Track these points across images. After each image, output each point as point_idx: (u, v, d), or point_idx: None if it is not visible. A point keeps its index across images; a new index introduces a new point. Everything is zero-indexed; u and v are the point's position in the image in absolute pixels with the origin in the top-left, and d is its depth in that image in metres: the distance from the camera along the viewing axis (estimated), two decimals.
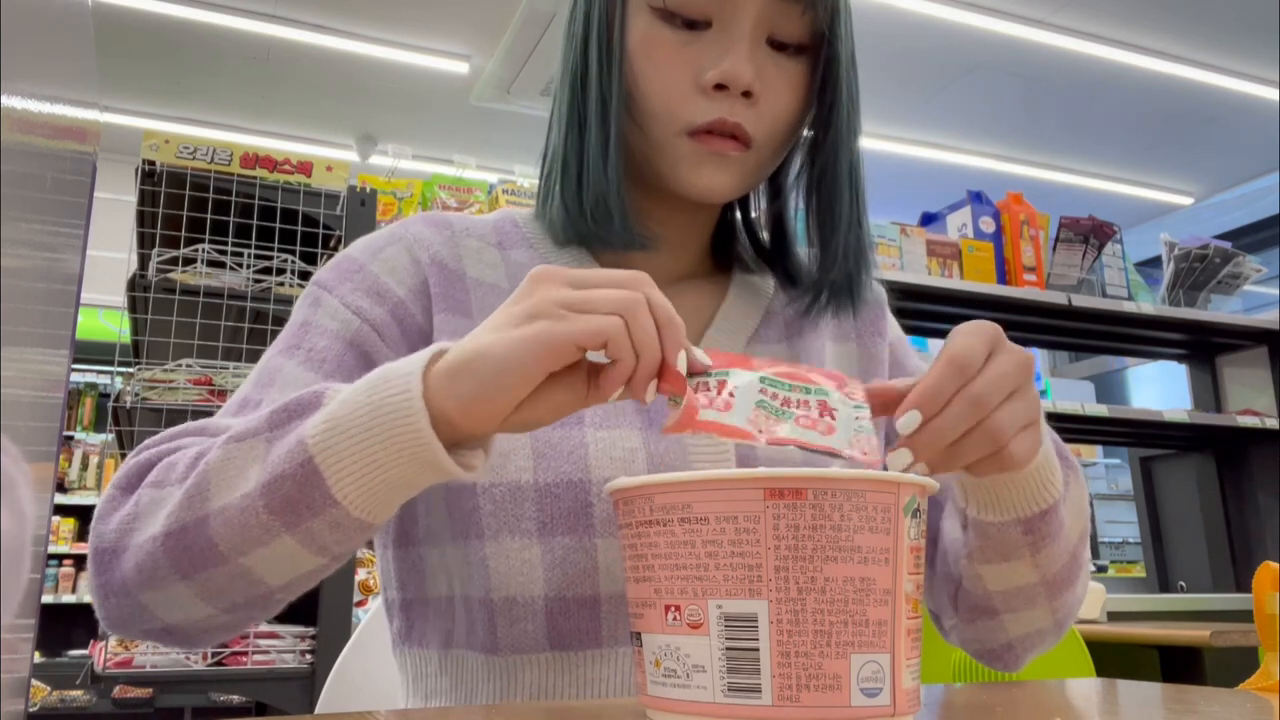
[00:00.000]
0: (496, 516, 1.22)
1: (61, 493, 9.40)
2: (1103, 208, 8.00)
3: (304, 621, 3.63)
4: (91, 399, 10.11)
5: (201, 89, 9.66)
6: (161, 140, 3.77)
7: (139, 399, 3.56)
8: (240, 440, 1.03)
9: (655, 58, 1.28)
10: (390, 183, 4.92)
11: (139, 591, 1.06)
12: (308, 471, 0.96)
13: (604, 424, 1.26)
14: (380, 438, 0.95)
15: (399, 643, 1.38)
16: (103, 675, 3.43)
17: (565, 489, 1.22)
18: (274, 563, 1.02)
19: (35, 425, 1.29)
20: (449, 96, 9.55)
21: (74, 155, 1.40)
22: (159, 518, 1.05)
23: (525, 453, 1.24)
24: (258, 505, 0.98)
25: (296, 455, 0.97)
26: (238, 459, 1.02)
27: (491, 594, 1.23)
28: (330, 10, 8.31)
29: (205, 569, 1.03)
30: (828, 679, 0.79)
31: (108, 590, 1.09)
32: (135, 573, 1.06)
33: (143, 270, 3.70)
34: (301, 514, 0.98)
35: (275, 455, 0.99)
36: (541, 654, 1.23)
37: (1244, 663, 3.29)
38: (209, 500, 1.01)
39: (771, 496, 0.79)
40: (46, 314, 1.30)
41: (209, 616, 1.09)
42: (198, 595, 1.05)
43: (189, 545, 1.02)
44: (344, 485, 0.96)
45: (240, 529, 0.99)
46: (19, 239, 1.03)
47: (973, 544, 1.20)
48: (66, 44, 1.27)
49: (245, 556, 1.01)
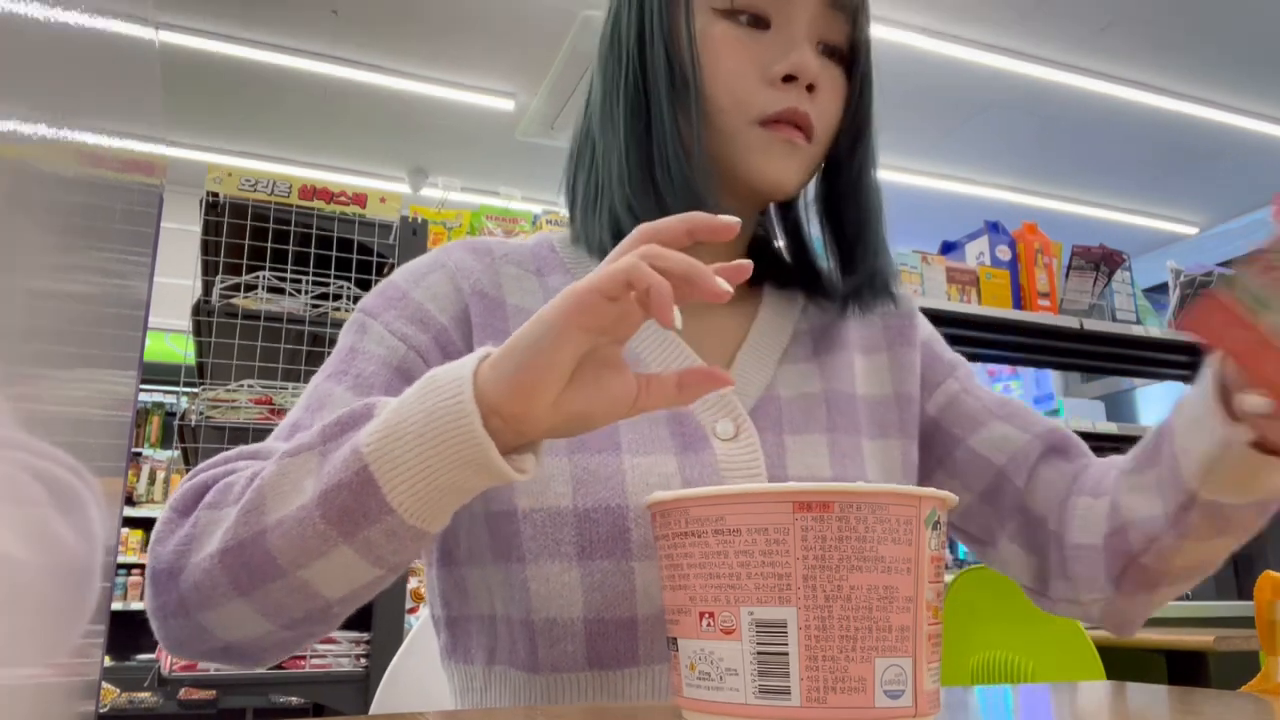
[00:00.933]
0: (537, 540, 1.20)
1: (130, 506, 9.45)
2: (1113, 237, 7.98)
3: (359, 627, 3.65)
4: (158, 417, 10.16)
5: (263, 125, 9.72)
6: (225, 173, 3.79)
7: (203, 417, 3.58)
8: (294, 455, 1.00)
9: (723, 53, 1.27)
10: (440, 213, 4.94)
11: (197, 611, 1.03)
12: (363, 480, 0.93)
13: (641, 450, 1.24)
14: (433, 442, 0.91)
15: (445, 657, 1.37)
16: (169, 678, 3.44)
17: (604, 514, 1.20)
18: (332, 575, 0.99)
19: (106, 442, 1.29)
20: (495, 132, 9.58)
21: (141, 187, 1.41)
22: (216, 536, 1.02)
23: (565, 479, 1.21)
24: (314, 516, 0.95)
25: (352, 464, 0.94)
26: (293, 473, 0.99)
27: (532, 615, 1.20)
28: (384, 51, 8.36)
29: (263, 584, 0.99)
30: (853, 681, 0.79)
31: (166, 612, 1.06)
32: (194, 592, 1.03)
33: (207, 296, 3.72)
34: (358, 523, 0.94)
35: (330, 466, 0.96)
36: (581, 673, 1.20)
37: (1246, 667, 3.27)
38: (266, 515, 0.98)
39: (800, 510, 0.79)
40: (116, 337, 1.31)
41: (267, 633, 1.05)
42: (256, 612, 1.02)
43: (247, 561, 0.99)
44: (398, 492, 0.93)
45: (298, 541, 0.96)
46: (90, 266, 1.03)
47: (1192, 523, 1.14)
48: (135, 83, 1.27)
49: (304, 569, 0.98)
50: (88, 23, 0.90)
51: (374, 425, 0.95)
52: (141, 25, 1.32)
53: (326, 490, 0.95)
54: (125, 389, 1.49)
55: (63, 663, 1.09)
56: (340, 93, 8.99)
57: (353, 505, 0.94)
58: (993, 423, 1.42)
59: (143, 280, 1.57)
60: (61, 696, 1.11)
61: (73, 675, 1.18)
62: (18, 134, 0.63)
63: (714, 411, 1.29)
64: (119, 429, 1.47)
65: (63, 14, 0.77)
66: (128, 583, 9.37)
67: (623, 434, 1.25)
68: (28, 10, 0.63)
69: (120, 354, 1.36)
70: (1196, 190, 10.83)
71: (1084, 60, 8.39)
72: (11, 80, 0.61)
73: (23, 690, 0.83)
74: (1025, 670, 2.80)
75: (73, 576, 1.08)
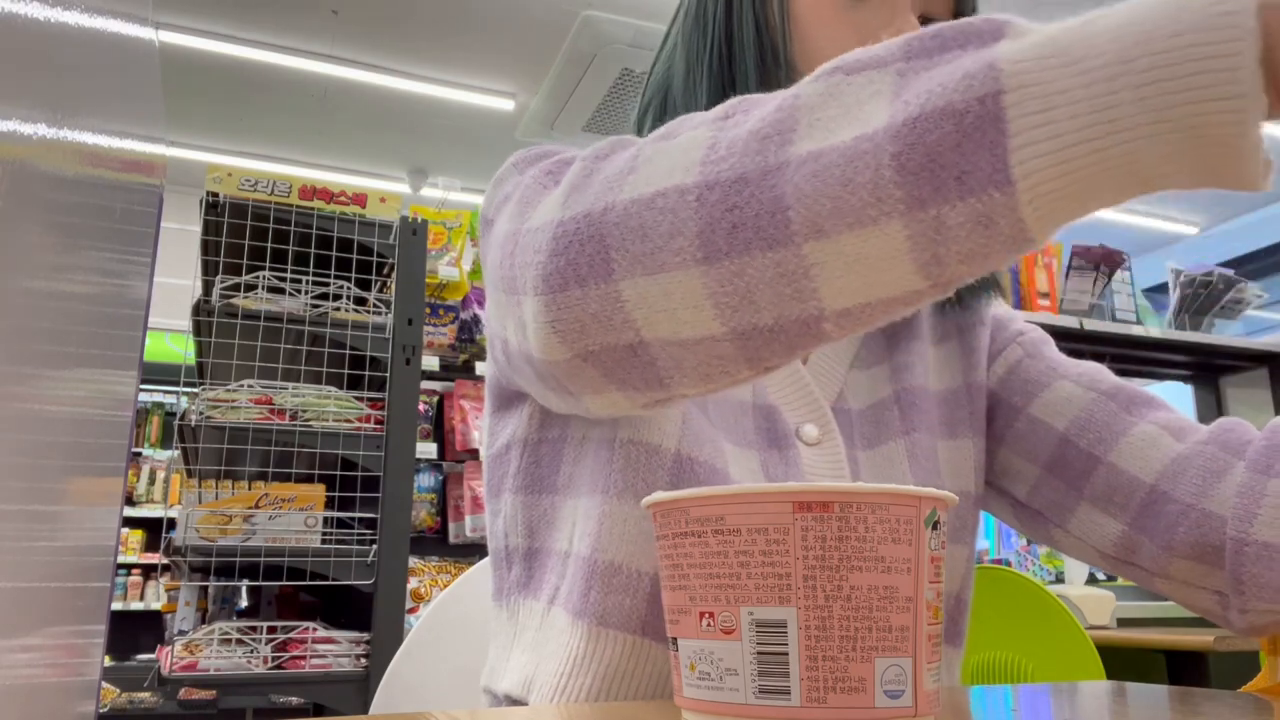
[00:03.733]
0: (626, 475, 1.06)
1: (130, 506, 9.46)
2: (1113, 237, 7.98)
3: (359, 627, 3.66)
4: (159, 417, 10.16)
5: (263, 125, 9.72)
6: (225, 173, 3.79)
7: (203, 417, 3.58)
8: (851, 72, 0.73)
9: (818, 24, 1.19)
10: (440, 213, 4.95)
11: (624, 275, 0.79)
12: (987, 112, 0.64)
13: (729, 437, 1.14)
14: (1152, 51, 0.60)
15: (515, 591, 1.21)
16: (169, 678, 3.44)
17: (705, 469, 1.07)
18: (853, 266, 0.72)
19: (106, 442, 1.29)
20: (495, 132, 9.59)
21: (142, 187, 1.41)
22: (690, 159, 0.77)
23: (675, 420, 1.08)
24: (884, 153, 0.67)
25: (978, 83, 0.65)
26: (850, 92, 0.72)
27: (597, 554, 1.06)
28: (384, 51, 8.36)
29: (747, 251, 0.74)
30: (853, 681, 0.79)
31: (570, 275, 0.82)
32: (634, 236, 0.78)
33: (207, 296, 3.72)
34: (945, 185, 0.66)
35: (927, 84, 0.68)
36: (631, 635, 1.06)
37: (1246, 667, 3.27)
38: (793, 142, 0.72)
39: (800, 510, 0.79)
40: (116, 337, 1.31)
41: (708, 339, 0.80)
42: (710, 297, 0.77)
43: (742, 205, 0.73)
44: (1037, 148, 0.63)
45: (838, 188, 0.69)
46: (90, 266, 1.03)
47: None
48: (136, 84, 1.27)
49: (820, 241, 0.71)
50: (88, 23, 0.90)
51: (1026, 39, 0.66)
52: (141, 25, 1.32)
53: (921, 116, 0.67)
54: (126, 389, 1.49)
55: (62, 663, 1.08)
56: (340, 93, 8.99)
57: (950, 154, 0.66)
58: (1057, 383, 1.28)
59: (143, 280, 1.57)
60: (61, 696, 1.11)
61: (73, 675, 1.18)
62: (18, 134, 0.63)
63: (800, 410, 1.21)
64: (119, 429, 1.47)
65: (63, 14, 0.77)
66: (128, 582, 9.39)
67: (711, 413, 1.15)
68: (28, 10, 0.63)
69: (120, 354, 1.36)
70: (1197, 191, 10.81)
71: None
72: (11, 80, 0.61)
73: (22, 690, 0.83)
74: (1025, 670, 2.80)
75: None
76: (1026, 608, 2.77)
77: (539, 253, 0.85)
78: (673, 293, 0.77)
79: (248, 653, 3.49)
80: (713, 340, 0.79)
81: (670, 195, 0.76)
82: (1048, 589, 2.79)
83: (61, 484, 1.04)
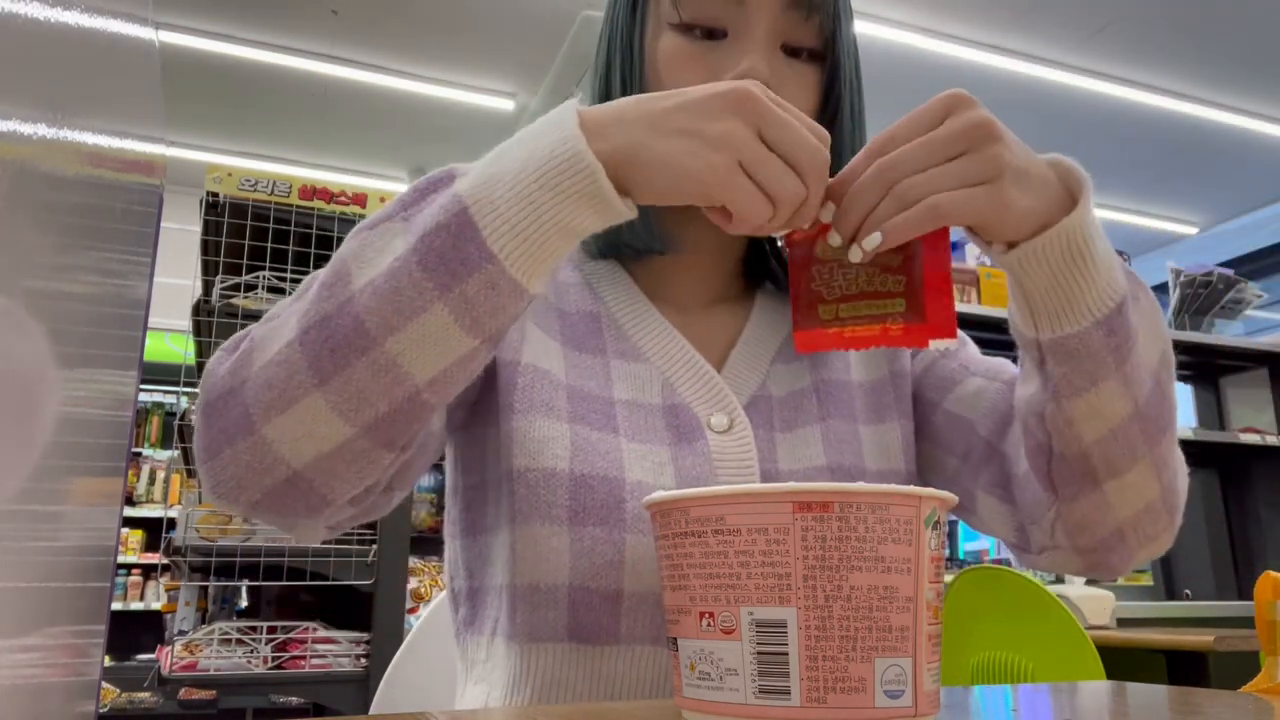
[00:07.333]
0: (529, 501, 1.19)
1: (130, 506, 9.46)
2: (1113, 236, 7.94)
3: (359, 627, 3.65)
4: (158, 417, 10.16)
5: (263, 125, 9.73)
6: (225, 173, 3.79)
7: None
8: (372, 228, 1.00)
9: (677, 66, 1.27)
10: None
11: (263, 422, 0.97)
12: (462, 223, 0.94)
13: (637, 437, 1.25)
14: (536, 173, 0.94)
15: (463, 630, 1.35)
16: (169, 678, 3.44)
17: (600, 482, 1.19)
18: (424, 345, 0.95)
19: (106, 442, 1.29)
20: (495, 132, 9.57)
21: (141, 187, 1.41)
22: (288, 328, 0.98)
23: (563, 443, 1.21)
24: (410, 265, 0.94)
25: (450, 208, 0.95)
26: (375, 241, 0.99)
27: (515, 580, 1.19)
28: (384, 51, 8.37)
29: (347, 364, 0.95)
30: (853, 681, 0.79)
31: (224, 439, 0.99)
32: (264, 391, 0.97)
33: (206, 296, 3.72)
34: (456, 272, 0.93)
35: (423, 217, 0.96)
36: (560, 644, 1.19)
37: (1246, 667, 3.27)
38: (351, 282, 0.96)
39: (800, 510, 0.79)
40: (116, 337, 1.31)
41: (344, 443, 0.98)
42: (333, 409, 0.96)
43: (331, 333, 0.95)
44: (500, 234, 0.93)
45: (390, 297, 0.94)
46: (90, 266, 1.03)
47: (1057, 375, 1.10)
48: (135, 83, 1.27)
49: (395, 337, 0.94)
50: (88, 23, 0.90)
51: (474, 173, 0.98)
52: (141, 25, 1.32)
53: (424, 234, 0.95)
54: (126, 389, 1.49)
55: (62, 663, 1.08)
56: (340, 92, 9.00)
57: (450, 252, 0.94)
58: (968, 380, 1.39)
59: (143, 280, 1.57)
60: (61, 696, 1.11)
61: (73, 675, 1.18)
62: (18, 134, 0.63)
63: (709, 405, 1.30)
64: (119, 429, 1.47)
65: (63, 14, 0.77)
66: (127, 583, 9.39)
67: (620, 420, 1.27)
68: (28, 10, 0.63)
69: (120, 354, 1.36)
70: (1196, 190, 10.84)
71: (1085, 61, 8.42)
72: (11, 80, 0.61)
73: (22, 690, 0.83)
74: (1025, 670, 2.80)
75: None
76: (1026, 608, 2.78)
77: (197, 430, 1.03)
78: (305, 418, 0.96)
79: (248, 653, 3.48)
80: (349, 441, 0.98)
81: (282, 352, 0.97)
82: (1048, 589, 2.79)
83: (61, 484, 1.04)
